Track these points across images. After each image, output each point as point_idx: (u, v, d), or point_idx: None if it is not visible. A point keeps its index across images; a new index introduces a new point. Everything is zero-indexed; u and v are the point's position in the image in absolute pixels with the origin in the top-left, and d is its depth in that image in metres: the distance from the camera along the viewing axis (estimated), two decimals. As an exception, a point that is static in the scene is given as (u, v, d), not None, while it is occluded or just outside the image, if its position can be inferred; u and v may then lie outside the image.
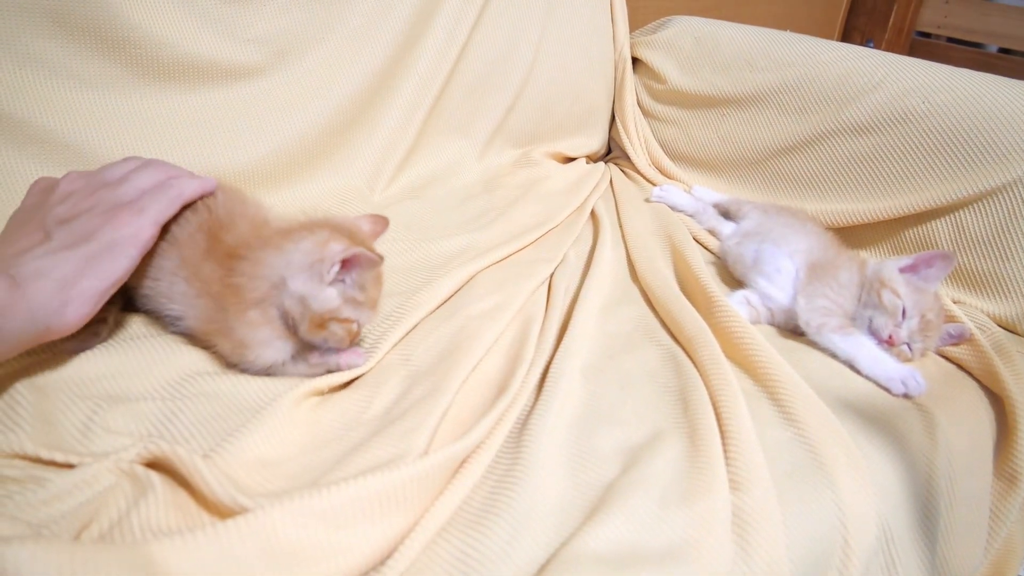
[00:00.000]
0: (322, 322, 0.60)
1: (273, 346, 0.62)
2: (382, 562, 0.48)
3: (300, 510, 0.46)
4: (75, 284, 0.55)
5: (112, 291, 0.58)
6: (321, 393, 0.63)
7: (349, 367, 0.65)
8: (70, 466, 0.50)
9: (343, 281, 0.60)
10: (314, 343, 0.63)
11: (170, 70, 0.89)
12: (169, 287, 0.63)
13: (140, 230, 0.59)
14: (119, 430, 0.54)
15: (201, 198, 0.66)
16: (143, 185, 0.63)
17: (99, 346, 0.64)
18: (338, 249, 0.58)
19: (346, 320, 0.61)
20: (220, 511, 0.48)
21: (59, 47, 0.82)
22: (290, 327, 0.61)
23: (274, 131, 0.97)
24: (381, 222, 0.70)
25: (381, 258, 0.61)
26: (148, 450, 0.51)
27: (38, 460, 0.50)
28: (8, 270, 0.53)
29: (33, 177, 0.78)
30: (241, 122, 0.95)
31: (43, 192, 0.63)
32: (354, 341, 0.65)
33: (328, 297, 0.59)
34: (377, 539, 0.48)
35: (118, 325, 0.68)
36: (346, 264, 0.59)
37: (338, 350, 0.65)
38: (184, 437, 0.56)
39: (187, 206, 0.64)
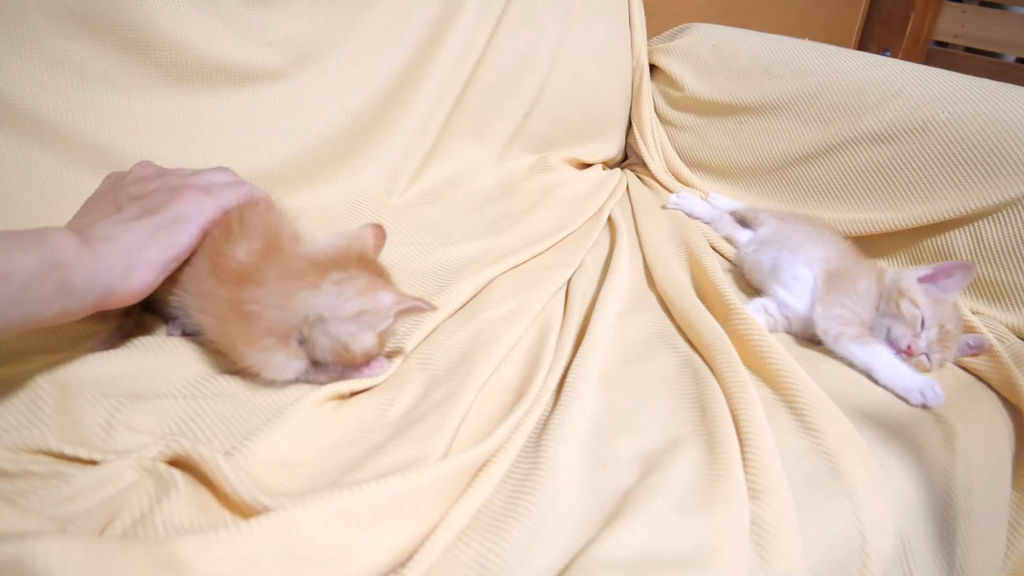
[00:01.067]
0: (355, 359, 0.61)
1: (289, 367, 0.61)
2: (403, 564, 0.49)
3: (322, 510, 0.46)
4: (141, 251, 0.57)
5: (174, 265, 0.60)
6: (342, 397, 0.64)
7: (370, 376, 0.66)
8: (93, 463, 0.51)
9: (390, 328, 0.61)
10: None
11: (193, 72, 0.90)
12: (188, 299, 0.63)
13: (204, 208, 0.62)
14: (141, 428, 0.55)
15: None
16: (215, 180, 0.67)
17: (121, 347, 0.64)
18: (390, 301, 0.59)
19: (377, 354, 0.63)
20: (242, 510, 0.48)
21: (85, 49, 0.83)
22: (308, 349, 0.61)
23: (294, 134, 0.98)
24: (380, 232, 0.69)
25: (434, 308, 0.61)
26: (170, 448, 0.51)
27: (62, 456, 0.51)
28: (80, 233, 0.55)
29: (58, 176, 0.80)
30: (261, 124, 0.95)
31: (116, 179, 0.67)
32: None
33: (368, 341, 0.60)
34: (398, 541, 0.48)
35: (140, 325, 0.69)
36: (399, 315, 0.60)
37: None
38: (206, 436, 0.56)
39: None
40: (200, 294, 0.61)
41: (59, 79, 0.81)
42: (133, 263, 0.56)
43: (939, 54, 2.24)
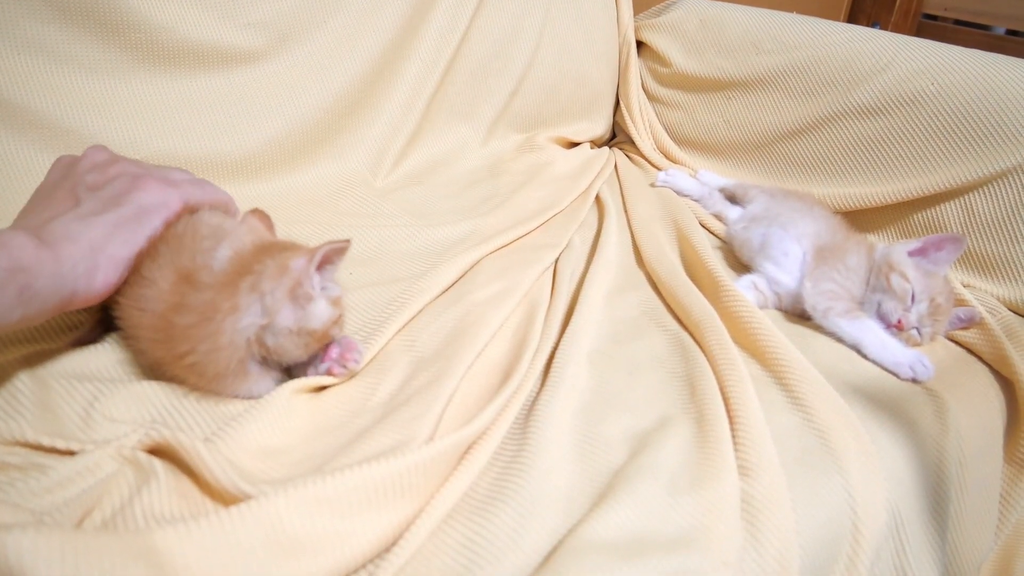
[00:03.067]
0: (324, 335, 0.58)
1: (259, 385, 0.58)
2: (387, 549, 0.48)
3: (304, 498, 0.45)
4: (104, 249, 0.54)
5: (132, 262, 0.57)
6: (323, 387, 0.63)
7: (350, 364, 0.63)
8: (71, 453, 0.50)
9: (324, 287, 0.57)
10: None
11: (170, 55, 0.88)
12: (145, 361, 0.59)
13: (168, 200, 0.59)
14: (120, 418, 0.54)
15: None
16: (175, 176, 0.63)
17: (101, 341, 0.63)
18: (302, 262, 0.55)
19: (339, 319, 0.59)
20: (223, 498, 0.48)
21: (58, 32, 0.81)
22: (277, 358, 0.58)
23: (275, 116, 0.96)
24: (264, 215, 0.65)
25: (348, 241, 0.57)
26: (150, 436, 0.50)
27: (39, 447, 0.50)
28: (38, 234, 0.52)
29: (32, 162, 0.79)
30: (242, 107, 0.94)
31: (67, 166, 0.62)
32: None
33: (322, 310, 0.57)
34: (382, 526, 0.48)
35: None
36: (319, 268, 0.56)
37: (327, 352, 0.62)
38: (187, 424, 0.55)
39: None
40: (144, 353, 0.58)
41: (33, 63, 0.80)
42: (96, 263, 0.54)
43: (929, 27, 2.22)
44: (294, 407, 0.57)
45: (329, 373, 0.62)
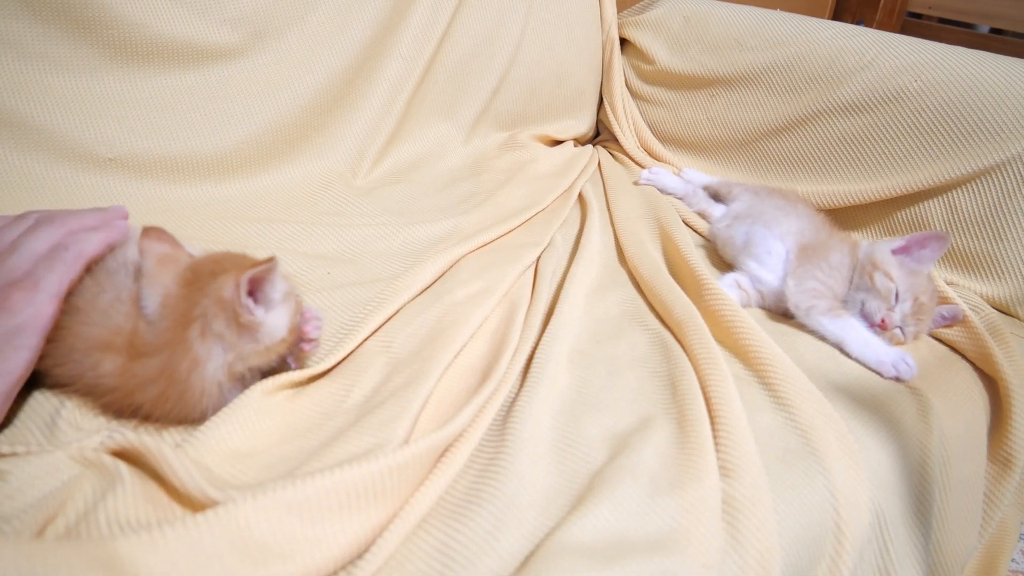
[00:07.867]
0: (293, 332, 0.57)
1: (232, 395, 0.56)
2: (360, 555, 0.47)
3: (273, 503, 0.44)
4: None
5: (16, 390, 0.50)
6: (298, 384, 0.61)
7: (312, 333, 0.62)
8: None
9: (269, 299, 0.54)
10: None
11: (144, 52, 0.86)
12: None
13: (38, 310, 0.51)
14: (87, 427, 0.53)
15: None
16: (38, 249, 0.54)
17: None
18: (230, 290, 0.51)
19: (298, 308, 0.58)
20: (192, 504, 0.46)
21: (29, 28, 0.80)
22: (251, 377, 0.57)
23: (253, 114, 0.95)
24: (162, 232, 0.56)
25: (272, 259, 0.52)
26: (113, 439, 0.49)
27: (-1, 455, 0.49)
28: None
29: (6, 162, 0.77)
30: (218, 105, 0.92)
31: None
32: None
33: (277, 319, 0.54)
34: (354, 532, 0.46)
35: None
36: (253, 291, 0.53)
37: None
38: (158, 429, 0.54)
39: None
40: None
41: (3, 60, 0.78)
42: None
43: (914, 26, 2.23)
44: (266, 409, 0.56)
45: (301, 354, 0.61)
